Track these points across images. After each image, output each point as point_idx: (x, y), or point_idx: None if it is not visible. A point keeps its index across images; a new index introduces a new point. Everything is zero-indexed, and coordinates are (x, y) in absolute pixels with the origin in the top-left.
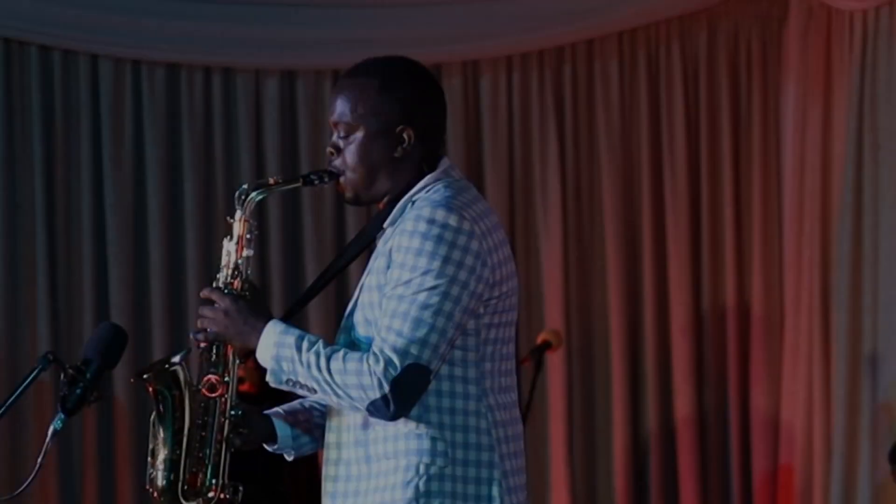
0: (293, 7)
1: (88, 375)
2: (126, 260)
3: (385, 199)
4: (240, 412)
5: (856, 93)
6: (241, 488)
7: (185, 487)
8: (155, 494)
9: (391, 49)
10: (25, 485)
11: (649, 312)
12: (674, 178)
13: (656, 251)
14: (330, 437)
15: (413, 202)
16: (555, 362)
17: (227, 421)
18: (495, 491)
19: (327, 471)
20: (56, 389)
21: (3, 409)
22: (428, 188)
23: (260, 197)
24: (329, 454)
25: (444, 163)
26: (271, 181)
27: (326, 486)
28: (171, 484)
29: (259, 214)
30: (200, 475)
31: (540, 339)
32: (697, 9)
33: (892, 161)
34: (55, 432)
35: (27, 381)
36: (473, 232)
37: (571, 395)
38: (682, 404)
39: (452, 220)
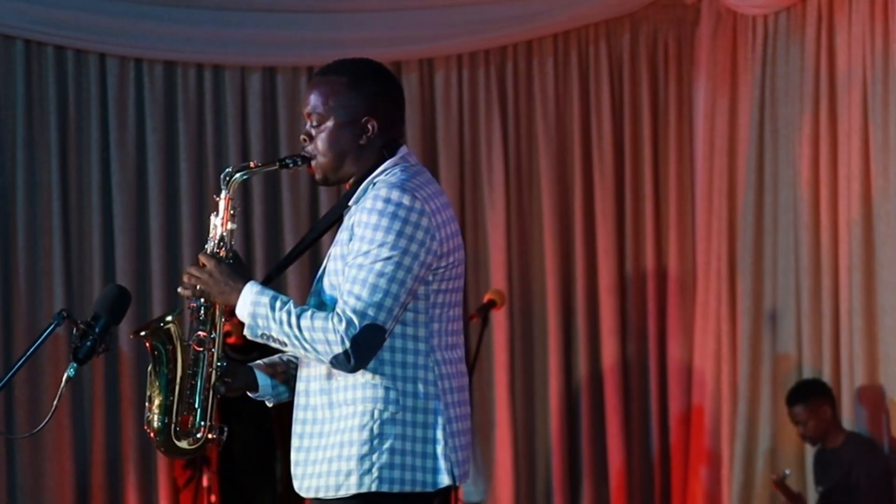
0: (273, 13)
1: (97, 330)
2: (129, 230)
3: (351, 181)
4: (225, 364)
5: (758, 86)
6: (225, 429)
7: (178, 429)
8: (152, 435)
9: (357, 48)
10: (43, 424)
11: (580, 275)
12: (601, 159)
13: (586, 222)
14: (300, 386)
15: (374, 183)
16: (499, 318)
17: (213, 371)
18: (439, 434)
19: (296, 415)
20: (69, 342)
21: (23, 360)
22: (387, 171)
23: (242, 178)
24: (298, 400)
25: (403, 150)
26: (252, 164)
27: (296, 428)
28: (165, 426)
29: (244, 192)
30: (191, 418)
31: (486, 298)
32: (621, 14)
33: (789, 145)
34: (68, 379)
35: (44, 335)
36: (424, 210)
37: (513, 346)
38: (609, 354)
39: (406, 200)
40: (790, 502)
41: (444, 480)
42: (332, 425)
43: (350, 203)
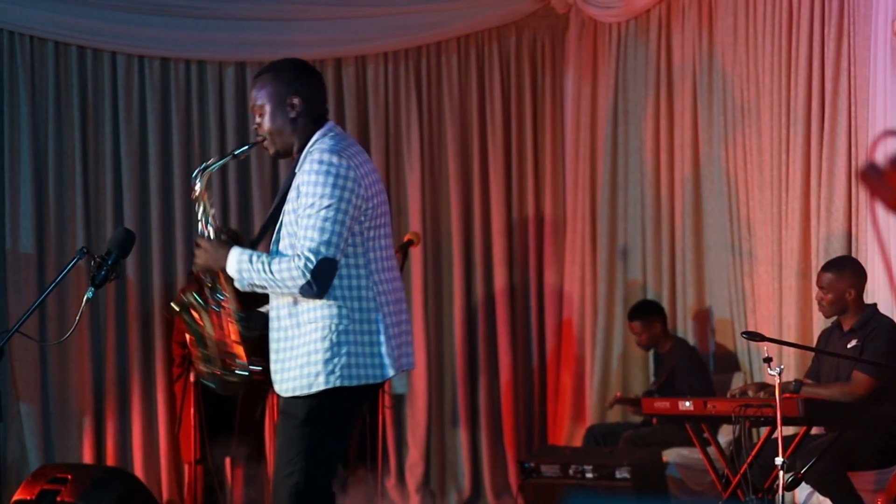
0: (243, 21)
1: (110, 262)
2: (134, 186)
3: (294, 152)
4: (243, 314)
5: (613, 76)
6: (262, 363)
7: (226, 371)
8: (210, 384)
9: (307, 47)
10: (68, 334)
11: (477, 220)
12: (493, 132)
13: (482, 180)
14: (272, 314)
15: (310, 152)
16: (416, 253)
17: (237, 322)
18: (382, 338)
19: (272, 335)
20: (88, 271)
21: (53, 285)
22: (318, 141)
23: (208, 171)
24: (272, 325)
25: (329, 124)
26: (210, 161)
27: (272, 346)
28: (212, 374)
29: (223, 173)
30: (228, 359)
31: (406, 238)
32: (509, 22)
33: (637, 121)
34: (88, 300)
35: (69, 266)
36: (350, 166)
37: (427, 274)
38: (499, 280)
39: (335, 160)
40: (631, 406)
41: (389, 372)
42: (300, 339)
43: (295, 170)
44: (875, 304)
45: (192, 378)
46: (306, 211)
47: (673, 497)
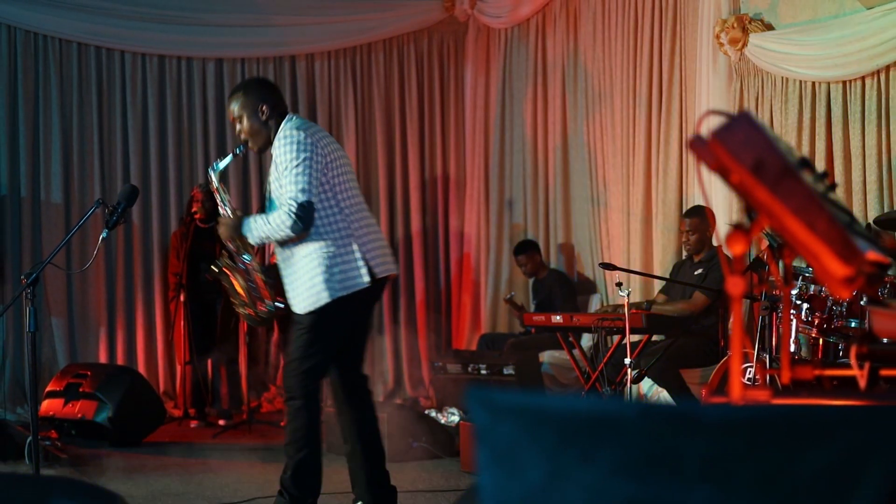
0: (221, 27)
1: (119, 210)
2: (138, 152)
3: (272, 142)
4: (263, 267)
5: (501, 69)
6: (282, 302)
7: (260, 310)
8: (248, 322)
9: (270, 47)
10: (88, 264)
11: (398, 178)
12: (411, 112)
13: (402, 148)
14: (279, 258)
15: (279, 136)
16: None
17: (260, 273)
18: (357, 255)
19: (283, 272)
20: (103, 217)
21: (76, 227)
22: (283, 128)
23: (219, 169)
24: (281, 266)
25: (289, 115)
26: (218, 161)
27: (285, 280)
28: (249, 314)
29: (243, 163)
30: (258, 303)
31: None
32: (422, 27)
33: (520, 104)
34: (103, 239)
35: (89, 213)
36: (306, 134)
37: None
38: (415, 224)
39: (295, 133)
40: (517, 311)
41: (367, 279)
42: (302, 270)
43: (271, 152)
44: (720, 246)
45: (182, 298)
46: (284, 173)
47: (547, 389)
